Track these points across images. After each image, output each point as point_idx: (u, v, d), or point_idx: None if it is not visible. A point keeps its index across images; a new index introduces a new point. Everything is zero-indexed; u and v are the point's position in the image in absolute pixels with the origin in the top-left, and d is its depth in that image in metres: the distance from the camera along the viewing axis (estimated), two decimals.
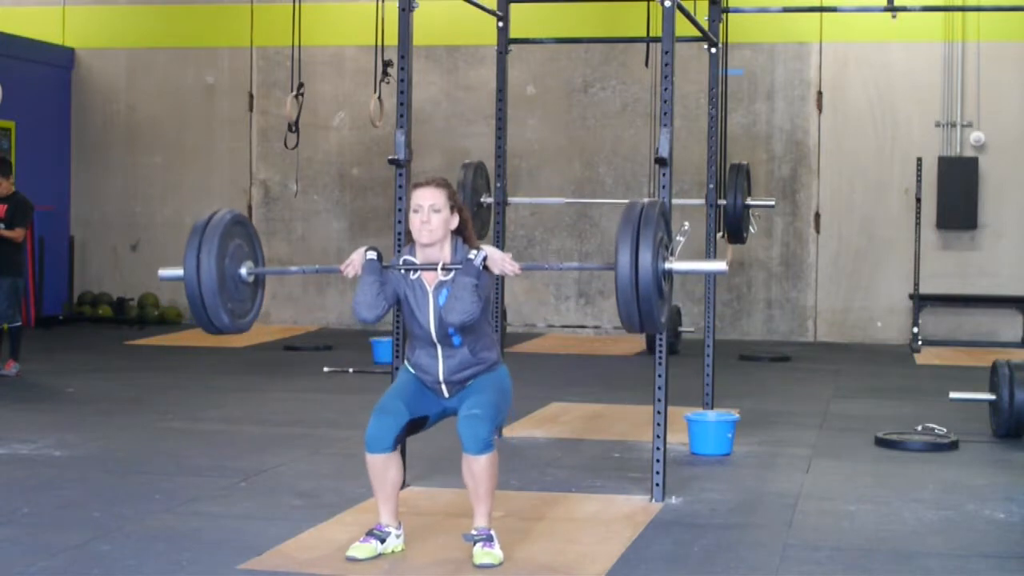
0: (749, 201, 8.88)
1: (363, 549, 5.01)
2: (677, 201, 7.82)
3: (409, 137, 6.24)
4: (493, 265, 4.97)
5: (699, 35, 8.20)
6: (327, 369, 10.69)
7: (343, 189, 14.64)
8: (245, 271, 5.19)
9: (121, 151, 15.08)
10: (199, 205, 14.35)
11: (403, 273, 5.04)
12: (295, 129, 10.62)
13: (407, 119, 6.25)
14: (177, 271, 5.04)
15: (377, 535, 5.05)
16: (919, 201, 13.02)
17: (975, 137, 13.48)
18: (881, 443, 7.65)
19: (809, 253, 13.85)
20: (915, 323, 13.12)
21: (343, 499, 6.04)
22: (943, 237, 13.62)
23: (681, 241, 5.13)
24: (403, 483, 6.12)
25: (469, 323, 4.91)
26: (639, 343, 12.93)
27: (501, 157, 7.91)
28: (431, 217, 4.97)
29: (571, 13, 13.09)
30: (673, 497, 6.14)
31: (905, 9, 9.58)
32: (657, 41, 6.78)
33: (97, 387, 9.83)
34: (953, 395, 8.22)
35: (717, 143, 8.65)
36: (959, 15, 13.36)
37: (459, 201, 5.10)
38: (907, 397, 9.75)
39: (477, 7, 7.57)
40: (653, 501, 6.08)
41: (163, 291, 14.67)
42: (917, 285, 13.05)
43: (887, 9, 9.62)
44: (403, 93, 6.27)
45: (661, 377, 6.16)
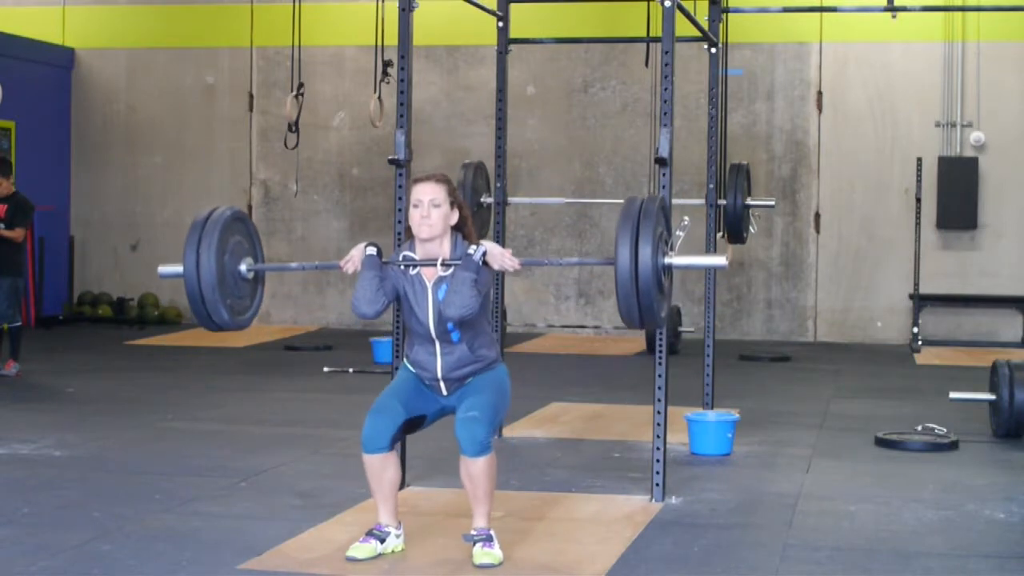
0: (749, 201, 8.88)
1: (363, 549, 5.01)
2: (677, 201, 7.81)
3: (409, 137, 6.24)
4: (492, 260, 4.96)
5: (699, 35, 8.20)
6: (327, 369, 10.69)
7: (343, 189, 14.63)
8: (245, 267, 5.19)
9: (121, 151, 15.08)
10: (199, 205, 14.22)
11: (402, 269, 5.04)
12: (295, 129, 10.62)
13: (407, 119, 6.25)
14: (177, 268, 5.03)
15: (377, 535, 5.05)
16: (919, 201, 13.03)
17: (975, 137, 13.48)
18: (881, 443, 7.65)
19: (809, 253, 13.85)
20: (915, 323, 13.12)
21: (343, 499, 6.04)
22: (943, 237, 13.62)
23: (681, 236, 5.12)
24: (403, 483, 6.13)
25: (468, 317, 4.90)
26: (639, 343, 12.92)
27: (501, 157, 7.91)
28: (431, 212, 4.96)
29: (571, 13, 13.09)
30: (673, 497, 6.14)
31: (905, 9, 9.58)
32: (657, 41, 6.78)
33: (97, 387, 9.83)
34: (953, 395, 8.21)
35: (717, 143, 8.65)
36: (959, 15, 13.36)
37: (459, 197, 5.09)
38: (907, 397, 9.75)
39: (477, 7, 7.56)
40: (653, 501, 6.07)
41: (163, 291, 14.67)
42: (917, 285, 13.05)
43: (887, 9, 9.62)
44: (403, 93, 6.28)
45: (661, 377, 6.16)
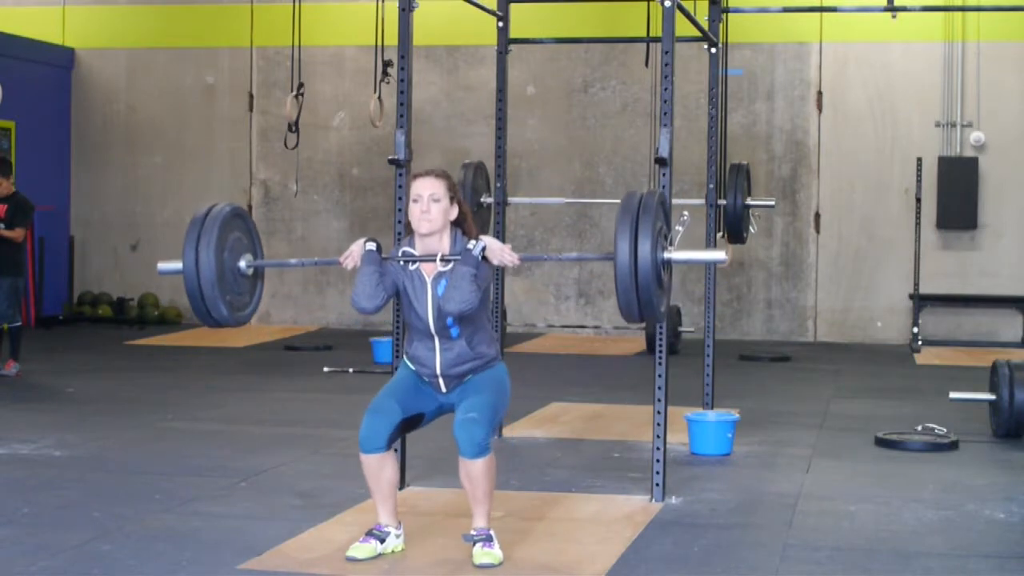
0: (749, 201, 8.88)
1: (363, 549, 5.01)
2: (677, 201, 7.81)
3: (409, 137, 6.24)
4: (492, 255, 4.96)
5: (699, 35, 8.20)
6: (327, 369, 10.69)
7: (343, 189, 14.63)
8: (244, 264, 5.19)
9: (121, 151, 15.08)
10: (199, 205, 14.14)
11: (402, 264, 5.04)
12: (295, 129, 10.62)
13: (407, 119, 6.25)
14: (176, 264, 5.04)
15: (377, 535, 5.05)
16: (919, 201, 13.03)
17: (975, 137, 13.48)
18: (881, 443, 7.65)
19: (809, 253, 13.84)
20: (915, 323, 13.12)
21: (343, 499, 6.04)
22: (943, 237, 13.62)
23: (680, 231, 5.13)
24: (402, 483, 6.13)
25: (467, 312, 4.90)
26: (639, 343, 12.93)
27: (501, 157, 7.91)
28: (431, 207, 4.96)
29: (571, 13, 13.09)
30: (673, 497, 6.14)
31: (905, 9, 9.58)
32: (657, 41, 6.78)
33: (97, 387, 9.82)
34: (953, 395, 8.21)
35: (717, 143, 8.65)
36: (959, 15, 13.36)
37: (459, 193, 5.09)
38: (907, 397, 9.75)
39: (477, 7, 7.56)
40: (653, 501, 6.07)
41: (163, 291, 14.67)
42: (917, 285, 13.05)
43: (887, 9, 9.62)
44: (403, 93, 6.28)
45: (661, 377, 6.16)
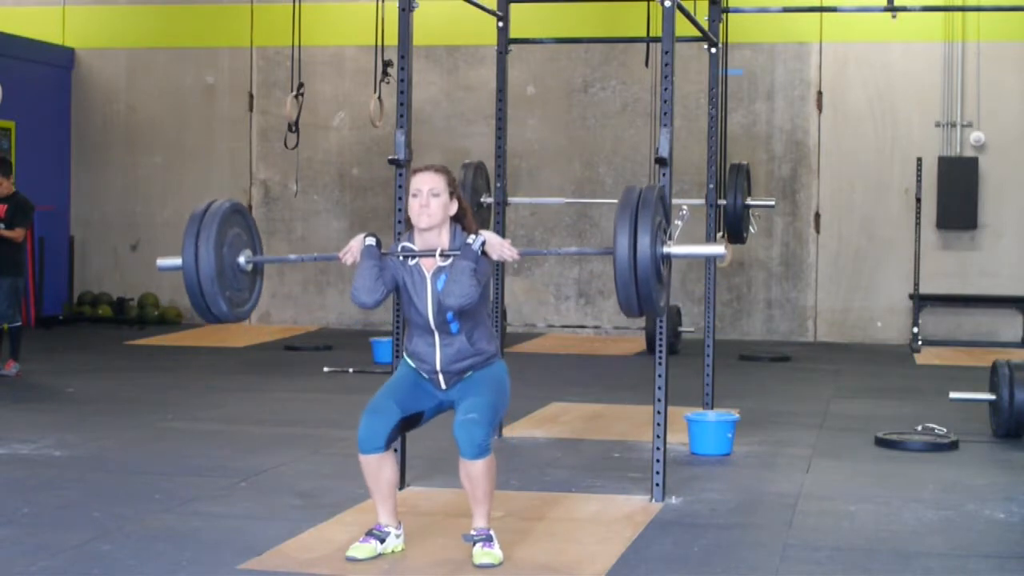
0: (749, 201, 8.88)
1: (363, 549, 5.01)
2: (677, 201, 7.81)
3: (409, 137, 6.24)
4: (492, 250, 4.96)
5: (699, 35, 8.20)
6: (327, 369, 10.69)
7: (343, 189, 14.63)
8: (243, 259, 5.19)
9: (121, 151, 15.08)
10: (199, 205, 14.32)
11: (401, 259, 5.04)
12: (295, 129, 10.63)
13: (407, 119, 6.25)
14: (176, 261, 5.04)
15: (377, 535, 5.05)
16: (919, 201, 13.03)
17: (975, 137, 13.48)
18: (881, 443, 7.65)
19: (809, 253, 13.84)
20: (915, 323, 13.12)
21: (343, 499, 6.04)
22: (943, 237, 13.62)
23: (679, 225, 5.14)
24: (402, 483, 6.14)
25: (467, 307, 4.90)
26: (639, 343, 12.93)
27: (501, 157, 7.91)
28: (430, 201, 4.96)
29: (571, 13, 13.09)
30: (673, 497, 6.14)
31: (905, 9, 9.58)
32: (657, 41, 6.78)
33: (97, 387, 9.82)
34: (953, 395, 8.21)
35: (717, 143, 8.65)
36: (959, 15, 13.36)
37: (458, 189, 5.09)
38: (907, 397, 9.75)
39: (477, 7, 7.56)
40: (653, 501, 6.07)
41: (163, 291, 14.67)
42: (917, 285, 13.05)
43: (887, 9, 9.62)
44: (403, 93, 6.28)
45: (661, 377, 6.16)
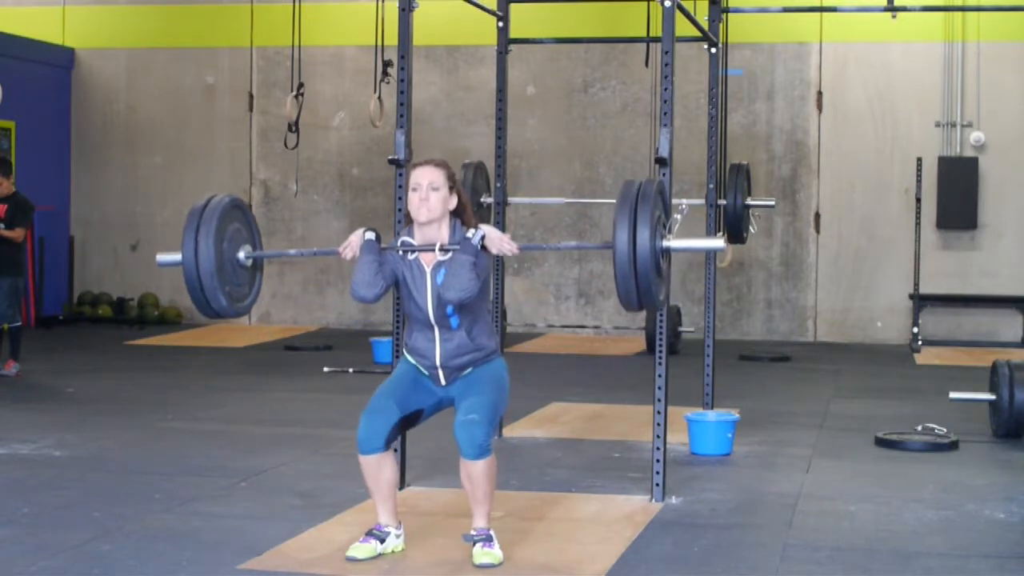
0: (749, 201, 8.88)
1: (363, 549, 5.01)
2: (677, 201, 7.81)
3: (409, 137, 6.24)
4: (491, 244, 4.96)
5: (699, 35, 8.20)
6: (327, 369, 10.69)
7: (343, 189, 14.63)
8: (243, 255, 5.18)
9: (121, 151, 15.08)
10: None
11: (401, 254, 5.04)
12: (295, 129, 10.63)
13: (407, 119, 6.25)
14: (175, 256, 5.02)
15: (377, 535, 5.05)
16: (919, 201, 13.03)
17: (975, 137, 13.48)
18: (881, 443, 7.65)
19: (809, 253, 13.84)
20: (915, 323, 13.12)
21: (343, 499, 6.04)
22: (943, 237, 13.62)
23: (679, 219, 5.14)
24: (402, 483, 6.14)
25: (467, 301, 4.90)
26: (639, 343, 12.93)
27: (501, 157, 7.91)
28: (430, 195, 4.96)
29: (571, 13, 13.09)
30: (673, 497, 6.14)
31: (905, 9, 9.58)
32: (657, 41, 6.78)
33: (97, 387, 9.82)
34: (953, 395, 8.21)
35: (717, 143, 8.65)
36: (959, 15, 13.36)
37: (458, 184, 5.09)
38: (907, 397, 9.75)
39: (477, 7, 7.56)
40: (653, 501, 6.07)
41: (163, 291, 14.67)
42: (917, 285, 13.05)
43: (887, 9, 9.62)
44: (403, 93, 6.28)
45: (661, 377, 6.16)
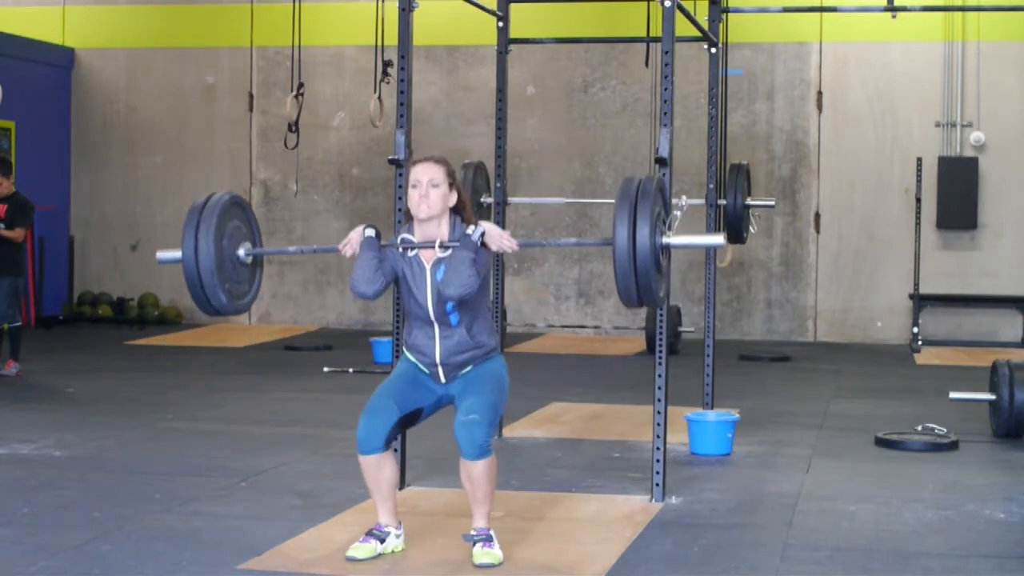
0: (749, 201, 8.88)
1: (363, 549, 5.01)
2: (677, 201, 7.81)
3: (409, 137, 6.24)
4: (491, 241, 4.96)
5: (699, 35, 8.20)
6: (327, 369, 10.69)
7: (343, 189, 14.63)
8: (243, 252, 5.18)
9: (121, 151, 15.08)
10: None
11: (401, 251, 5.04)
12: (295, 129, 10.63)
13: (407, 119, 6.25)
14: (175, 253, 5.02)
15: (377, 535, 5.05)
16: (919, 201, 13.03)
17: (975, 137, 13.48)
18: (881, 443, 7.65)
19: (809, 253, 13.85)
20: (915, 323, 13.12)
21: (343, 499, 6.04)
22: (943, 237, 13.62)
23: (679, 216, 5.15)
24: (402, 483, 6.14)
25: (467, 297, 4.90)
26: (639, 343, 12.93)
27: (501, 157, 7.91)
28: (429, 192, 4.96)
29: (571, 13, 13.09)
30: (673, 497, 6.14)
31: (905, 9, 9.58)
32: (657, 41, 6.78)
33: (97, 387, 9.82)
34: (953, 395, 8.21)
35: (717, 143, 8.65)
36: (959, 15, 13.36)
37: (458, 180, 5.09)
38: (907, 397, 9.75)
39: (477, 7, 7.56)
40: (653, 501, 6.07)
41: (163, 291, 14.67)
42: (917, 285, 13.05)
43: (887, 9, 9.62)
44: (403, 93, 6.28)
45: (661, 377, 6.16)
